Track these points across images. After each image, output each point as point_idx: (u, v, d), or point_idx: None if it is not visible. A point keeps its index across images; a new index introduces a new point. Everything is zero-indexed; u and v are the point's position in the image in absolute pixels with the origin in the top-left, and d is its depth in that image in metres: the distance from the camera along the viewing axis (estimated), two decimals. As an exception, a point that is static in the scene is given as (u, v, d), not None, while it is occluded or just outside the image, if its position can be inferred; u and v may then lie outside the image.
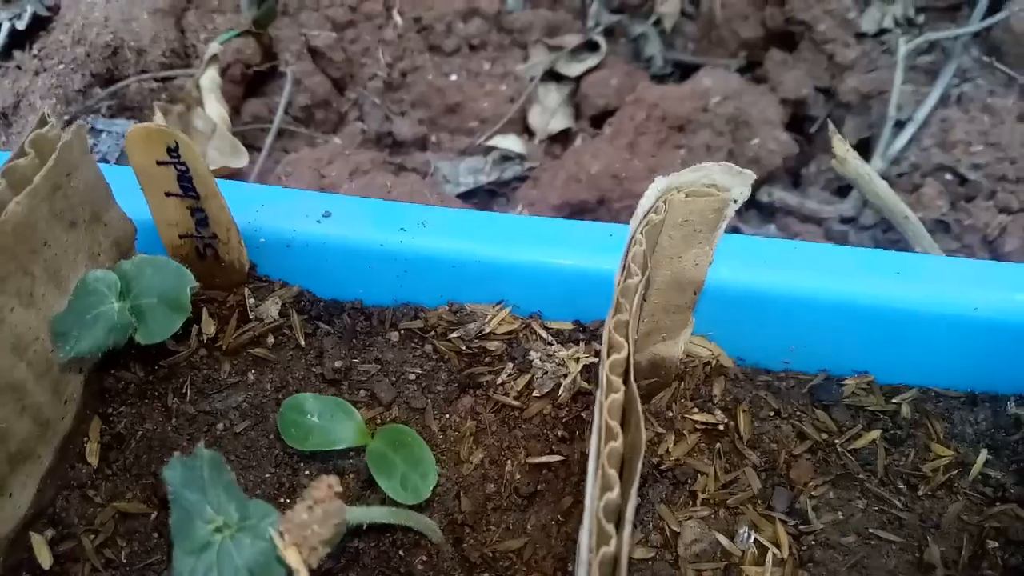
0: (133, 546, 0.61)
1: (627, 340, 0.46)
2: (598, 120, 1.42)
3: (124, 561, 0.60)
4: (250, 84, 1.29)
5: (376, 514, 0.51)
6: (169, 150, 0.58)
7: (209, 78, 1.16)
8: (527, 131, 1.46)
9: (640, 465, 0.42)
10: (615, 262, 0.53)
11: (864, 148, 1.35)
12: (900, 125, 1.37)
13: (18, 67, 1.26)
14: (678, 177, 0.52)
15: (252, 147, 1.22)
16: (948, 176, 1.34)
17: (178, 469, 0.46)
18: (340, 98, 1.38)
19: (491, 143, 1.41)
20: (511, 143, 1.42)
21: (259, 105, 1.28)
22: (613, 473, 0.42)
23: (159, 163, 0.59)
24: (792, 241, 0.71)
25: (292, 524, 0.42)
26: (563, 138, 1.44)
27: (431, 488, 0.55)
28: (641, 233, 0.51)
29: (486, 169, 1.38)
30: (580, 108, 1.47)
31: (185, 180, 0.60)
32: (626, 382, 0.45)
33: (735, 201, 0.54)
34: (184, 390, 0.68)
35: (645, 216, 0.52)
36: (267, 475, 0.64)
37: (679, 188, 0.53)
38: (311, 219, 0.69)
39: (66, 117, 1.18)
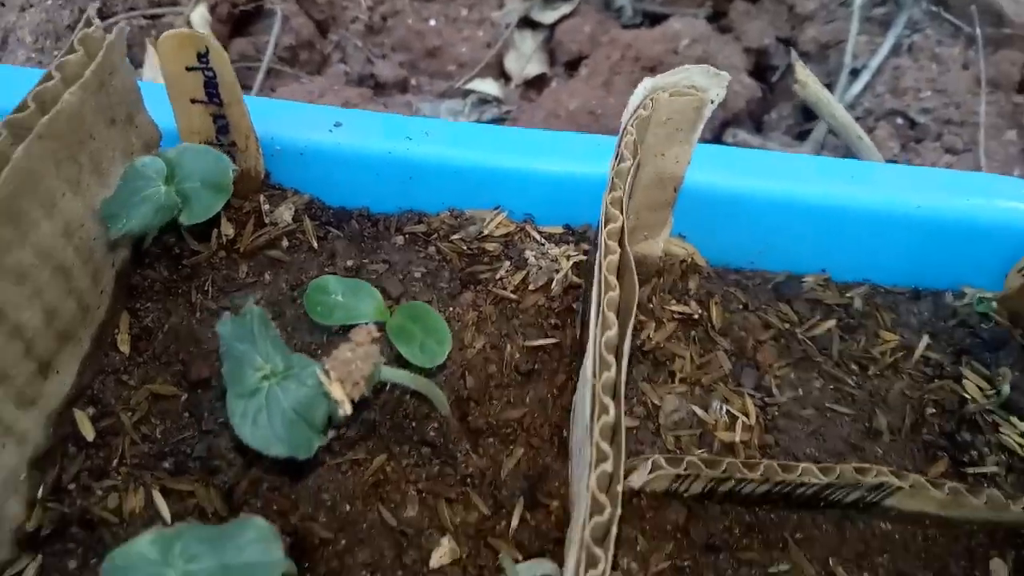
0: (166, 424, 0.67)
1: (621, 213, 0.53)
2: (571, 66, 1.49)
3: (159, 436, 0.66)
4: (236, 24, 1.32)
5: (399, 375, 0.57)
6: (199, 56, 0.63)
7: (199, 15, 1.19)
8: (504, 75, 1.52)
9: (635, 311, 0.50)
10: (603, 168, 0.59)
11: (822, 93, 1.43)
12: (855, 73, 1.46)
13: (2, 3, 1.28)
14: (663, 78, 0.59)
15: (241, 85, 1.26)
16: (899, 120, 1.43)
17: (230, 324, 0.52)
18: (323, 40, 1.42)
19: (469, 86, 1.47)
20: (488, 87, 1.48)
21: (245, 44, 1.31)
22: (612, 316, 0.49)
23: (188, 69, 0.64)
24: (760, 150, 0.78)
25: (337, 361, 0.48)
26: (538, 83, 1.50)
27: (446, 353, 0.62)
28: (632, 125, 0.58)
29: (465, 111, 1.44)
30: (554, 54, 1.53)
31: (211, 87, 0.66)
32: (621, 245, 0.52)
33: (712, 102, 0.61)
34: (206, 288, 0.73)
35: (635, 111, 0.59)
36: (287, 362, 0.70)
37: (664, 88, 0.60)
38: (323, 129, 0.74)
39: (55, 53, 1.20)
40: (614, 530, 0.43)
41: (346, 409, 0.48)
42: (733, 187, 0.74)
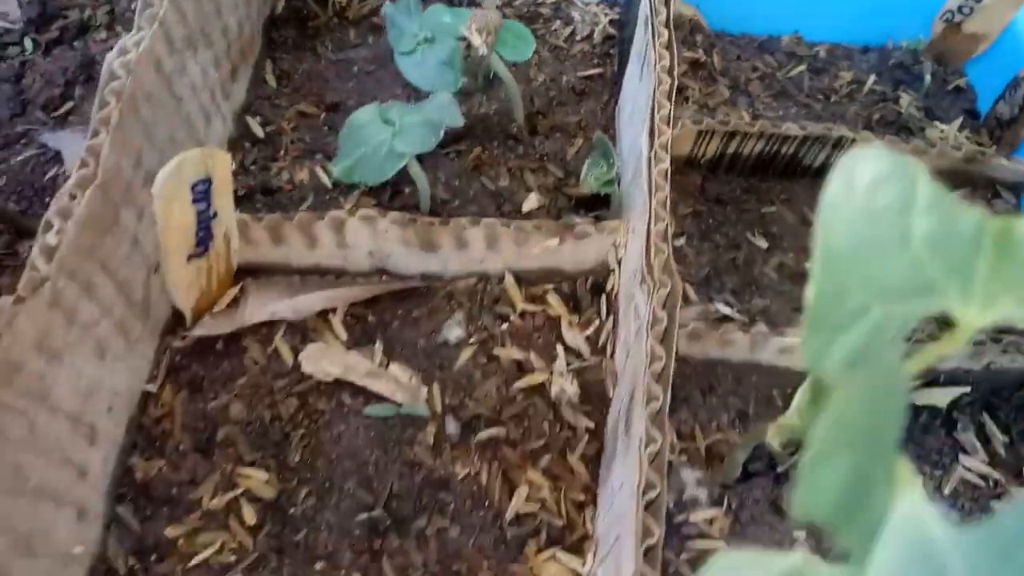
0: (313, 132, 0.88)
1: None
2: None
3: (309, 140, 0.88)
4: None
5: (500, 66, 0.80)
6: None
7: None
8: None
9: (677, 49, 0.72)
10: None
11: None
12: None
13: None
14: None
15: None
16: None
17: (391, 7, 0.74)
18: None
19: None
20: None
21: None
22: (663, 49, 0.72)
23: None
24: (748, -68, 1.01)
25: (476, 16, 0.70)
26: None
27: (532, 49, 0.84)
28: None
29: None
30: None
31: None
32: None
33: None
34: (327, 44, 0.95)
35: None
36: (396, 95, 0.92)
37: None
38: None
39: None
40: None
41: (483, 51, 0.71)
42: (728, -40, 0.97)
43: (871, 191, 0.26)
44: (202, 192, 0.61)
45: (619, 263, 0.74)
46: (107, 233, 0.59)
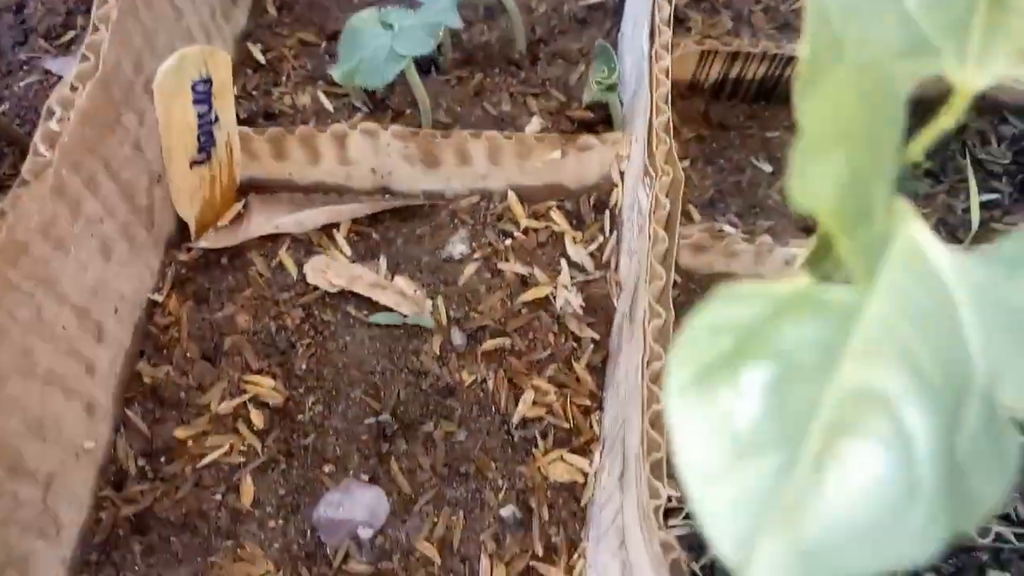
0: (314, 60, 0.88)
1: None
2: None
3: (310, 68, 0.87)
4: None
5: (500, -14, 0.79)
6: None
7: None
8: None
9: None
10: None
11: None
12: None
13: None
14: None
15: None
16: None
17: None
18: None
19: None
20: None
21: None
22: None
23: None
24: None
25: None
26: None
27: (534, -29, 0.84)
28: None
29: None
30: None
31: None
32: None
33: None
34: (327, -25, 0.94)
35: None
36: (396, 24, 0.92)
37: None
38: None
39: None
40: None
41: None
42: None
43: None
44: (203, 93, 0.61)
45: (622, 177, 0.74)
46: (109, 131, 0.59)
